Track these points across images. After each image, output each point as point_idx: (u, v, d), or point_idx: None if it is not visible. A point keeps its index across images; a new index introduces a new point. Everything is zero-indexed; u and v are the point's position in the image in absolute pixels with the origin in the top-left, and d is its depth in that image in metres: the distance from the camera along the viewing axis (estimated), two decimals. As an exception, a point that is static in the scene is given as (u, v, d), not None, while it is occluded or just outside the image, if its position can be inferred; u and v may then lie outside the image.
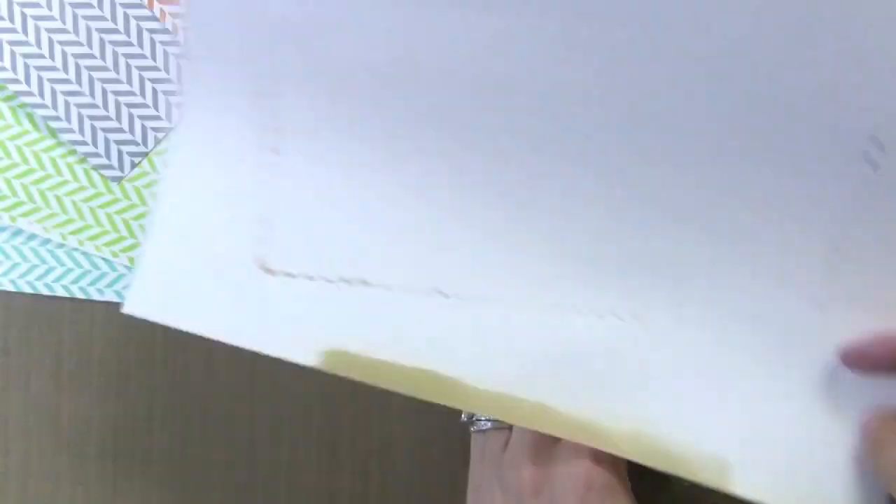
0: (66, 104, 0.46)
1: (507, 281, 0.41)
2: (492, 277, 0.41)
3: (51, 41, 0.45)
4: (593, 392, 0.39)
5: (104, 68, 0.45)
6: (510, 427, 0.42)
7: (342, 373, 0.40)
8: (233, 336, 0.41)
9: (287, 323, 0.41)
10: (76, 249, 0.47)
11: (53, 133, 0.46)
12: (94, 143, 0.46)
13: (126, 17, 0.45)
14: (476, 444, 0.43)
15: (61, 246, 0.47)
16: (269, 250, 0.42)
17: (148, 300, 0.42)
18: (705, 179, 0.38)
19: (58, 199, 0.46)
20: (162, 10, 0.44)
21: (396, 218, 0.41)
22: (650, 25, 0.37)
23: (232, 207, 0.42)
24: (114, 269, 0.47)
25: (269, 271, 0.41)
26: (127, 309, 0.42)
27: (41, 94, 0.45)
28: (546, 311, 0.40)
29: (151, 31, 0.45)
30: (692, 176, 0.38)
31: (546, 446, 0.40)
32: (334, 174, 0.41)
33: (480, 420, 0.42)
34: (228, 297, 0.42)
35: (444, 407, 0.45)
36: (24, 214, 0.46)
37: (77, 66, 0.45)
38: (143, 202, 0.47)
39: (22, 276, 0.47)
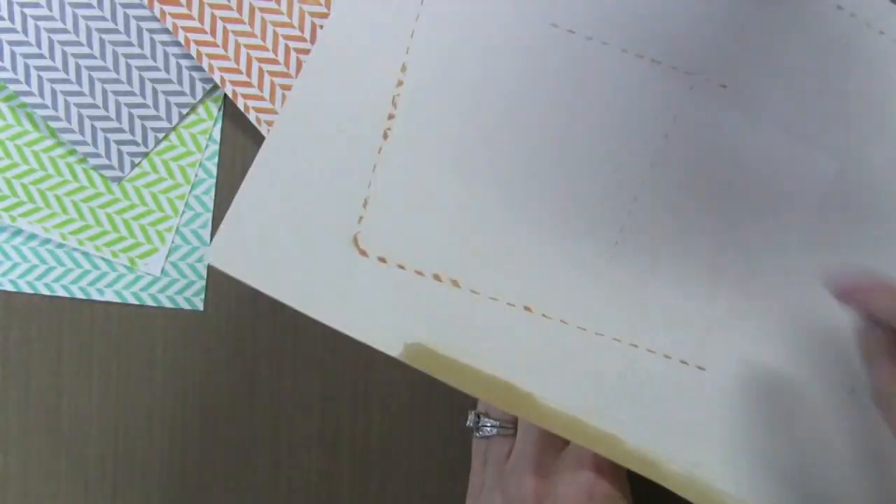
0: (67, 104, 0.45)
1: (594, 313, 0.43)
2: (580, 307, 0.43)
3: (51, 41, 0.45)
4: (656, 430, 0.41)
5: (104, 68, 0.45)
6: (514, 434, 0.42)
7: (420, 367, 0.41)
8: (315, 310, 0.40)
9: (373, 307, 0.41)
10: (76, 249, 0.47)
11: (53, 133, 0.46)
12: (95, 143, 0.46)
13: (126, 17, 0.45)
14: (478, 449, 0.43)
15: (61, 246, 0.47)
16: (365, 231, 0.41)
17: (234, 256, 0.40)
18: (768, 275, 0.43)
19: (58, 198, 0.46)
20: (162, 10, 0.44)
21: (498, 230, 0.42)
22: None
23: (337, 181, 0.41)
24: (114, 269, 0.47)
25: (362, 252, 0.41)
26: (211, 261, 0.40)
27: (41, 94, 0.45)
28: (624, 348, 0.42)
29: (152, 31, 0.45)
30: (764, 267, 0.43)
31: (550, 456, 0.40)
32: (444, 172, 0.42)
33: (486, 426, 0.42)
34: (317, 270, 0.41)
35: (445, 407, 0.45)
36: (24, 214, 0.46)
37: (77, 66, 0.45)
38: (144, 202, 0.47)
39: (21, 276, 0.47)
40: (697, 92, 0.42)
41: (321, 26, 0.45)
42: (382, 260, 0.42)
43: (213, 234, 0.47)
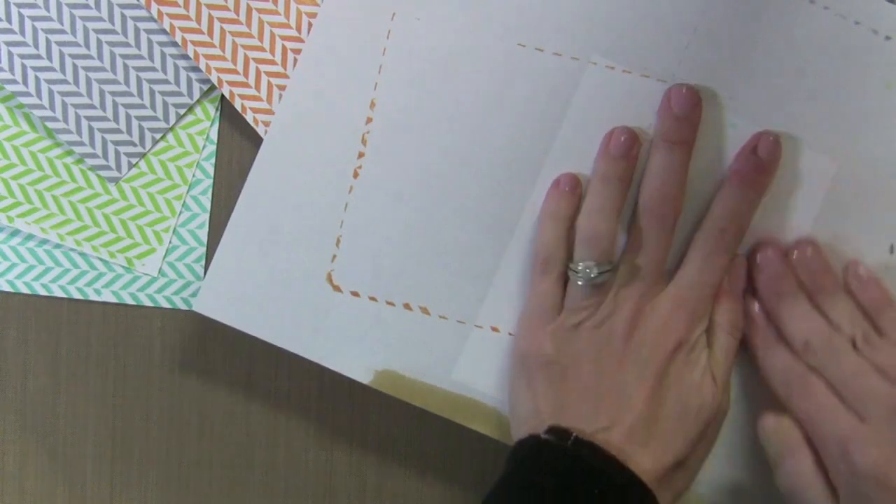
0: (64, 105, 0.46)
1: None
2: None
3: (48, 42, 0.45)
4: None
5: (102, 69, 0.45)
6: (613, 278, 0.41)
7: (390, 391, 0.44)
8: (294, 345, 0.44)
9: (346, 339, 0.44)
10: (73, 250, 0.47)
11: (51, 134, 0.46)
12: (92, 144, 0.46)
13: (123, 17, 0.45)
14: (552, 288, 0.42)
15: (58, 246, 0.47)
16: (338, 268, 0.44)
17: (218, 302, 0.44)
18: None
19: (55, 199, 0.46)
20: (160, 11, 0.44)
21: (466, 257, 0.44)
22: None
23: (311, 224, 0.44)
24: (111, 270, 0.47)
25: (336, 288, 0.44)
26: (197, 308, 0.44)
27: (39, 95, 0.45)
28: None
29: (149, 31, 0.45)
30: None
31: (653, 293, 0.41)
32: (411, 205, 0.44)
33: (603, 271, 0.41)
34: (295, 308, 0.44)
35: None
36: (22, 215, 0.46)
37: (74, 67, 0.45)
38: (141, 203, 0.47)
39: (19, 276, 0.47)
40: None
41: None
42: (355, 294, 0.44)
43: (210, 236, 0.47)
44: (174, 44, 0.45)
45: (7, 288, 0.47)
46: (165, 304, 0.47)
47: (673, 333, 0.40)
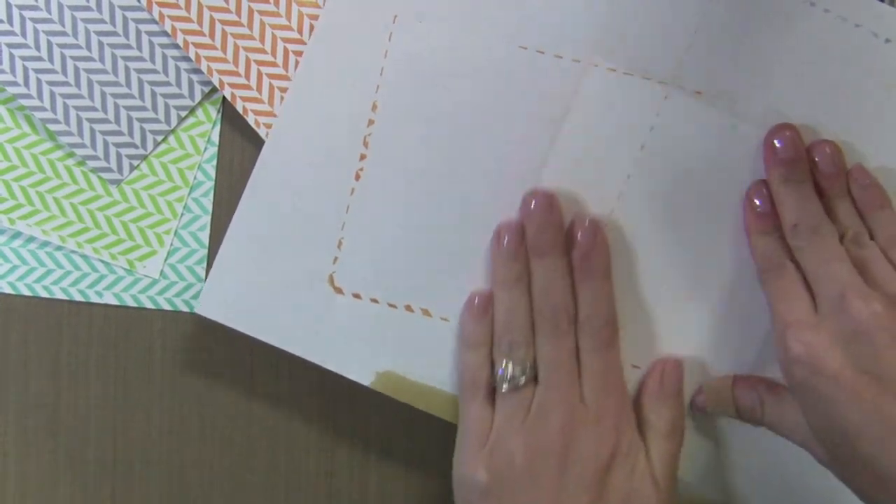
0: (65, 107, 0.46)
1: None
2: None
3: (50, 44, 0.45)
4: None
5: (103, 71, 0.45)
6: (533, 388, 0.41)
7: (390, 393, 0.44)
8: (295, 347, 0.44)
9: (348, 341, 0.44)
10: (75, 252, 0.47)
11: (52, 136, 0.46)
12: (93, 146, 0.46)
13: (125, 19, 0.45)
14: (479, 405, 0.42)
15: (60, 248, 0.47)
16: (340, 270, 0.44)
17: (220, 304, 0.44)
18: None
19: (57, 201, 0.46)
20: (161, 13, 0.44)
21: (468, 259, 0.44)
22: None
23: (313, 226, 0.44)
24: (112, 272, 0.47)
25: (337, 290, 0.44)
26: (200, 311, 0.44)
27: (40, 97, 0.45)
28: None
29: (150, 33, 0.45)
30: None
31: (576, 404, 0.41)
32: (413, 207, 0.44)
33: (523, 376, 0.41)
34: (297, 310, 0.44)
35: (443, 409, 0.45)
36: (24, 217, 0.46)
37: (76, 69, 0.45)
38: (142, 205, 0.47)
39: (20, 278, 0.47)
40: (673, 101, 0.42)
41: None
42: (357, 296, 0.44)
43: (211, 238, 0.47)
44: (176, 46, 0.45)
45: (8, 290, 0.47)
46: (167, 307, 0.47)
47: (607, 442, 0.40)
